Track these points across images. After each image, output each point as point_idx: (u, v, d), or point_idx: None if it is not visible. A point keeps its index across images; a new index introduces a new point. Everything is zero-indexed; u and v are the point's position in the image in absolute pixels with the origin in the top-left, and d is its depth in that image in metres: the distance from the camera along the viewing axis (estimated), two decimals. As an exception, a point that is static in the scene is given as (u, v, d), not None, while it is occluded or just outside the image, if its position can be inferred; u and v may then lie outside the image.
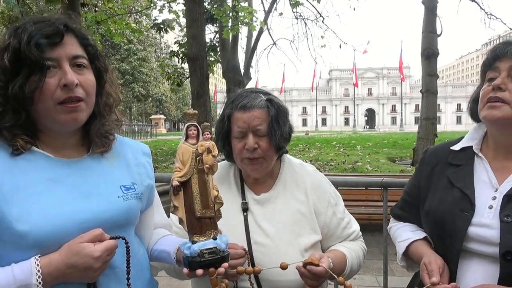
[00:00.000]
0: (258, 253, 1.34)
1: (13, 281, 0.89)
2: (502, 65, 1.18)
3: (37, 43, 0.96)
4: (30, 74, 0.96)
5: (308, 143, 15.40)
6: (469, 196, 1.19)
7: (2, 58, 0.97)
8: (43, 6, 16.29)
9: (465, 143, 1.31)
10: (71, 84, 0.98)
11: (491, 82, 1.18)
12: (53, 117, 1.00)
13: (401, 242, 1.37)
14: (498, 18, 10.08)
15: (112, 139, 1.16)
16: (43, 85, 0.96)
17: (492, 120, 1.17)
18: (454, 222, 1.18)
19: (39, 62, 0.95)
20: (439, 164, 1.33)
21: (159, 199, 1.37)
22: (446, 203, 1.23)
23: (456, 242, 1.16)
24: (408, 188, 1.47)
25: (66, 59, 1.00)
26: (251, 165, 1.37)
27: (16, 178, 0.96)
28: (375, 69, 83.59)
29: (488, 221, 1.13)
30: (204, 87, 6.95)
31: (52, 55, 0.98)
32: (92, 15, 9.00)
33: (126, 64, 34.09)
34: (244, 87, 11.50)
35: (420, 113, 8.79)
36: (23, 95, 0.96)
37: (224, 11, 9.72)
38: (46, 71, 0.96)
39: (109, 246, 0.97)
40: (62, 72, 0.99)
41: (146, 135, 27.44)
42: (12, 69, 0.96)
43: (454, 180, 1.25)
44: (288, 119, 1.37)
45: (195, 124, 1.14)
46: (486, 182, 1.21)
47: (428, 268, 1.16)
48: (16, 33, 0.98)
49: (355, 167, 9.75)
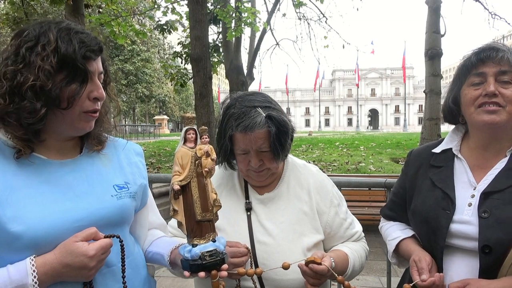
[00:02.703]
0: (261, 252, 1.35)
1: (9, 281, 0.89)
2: (487, 69, 1.21)
3: (85, 55, 1.00)
4: (72, 81, 0.99)
5: (311, 144, 15.37)
6: (450, 196, 1.26)
7: (50, 60, 0.97)
8: (47, 7, 16.37)
9: (445, 146, 1.38)
10: (102, 99, 1.07)
11: (477, 87, 1.23)
12: (74, 123, 1.04)
13: (391, 240, 1.44)
14: (502, 18, 10.01)
15: (104, 139, 1.19)
16: (82, 95, 1.01)
17: (493, 124, 1.20)
18: (437, 220, 1.25)
19: (85, 73, 1.00)
20: (422, 166, 1.41)
21: (153, 199, 1.38)
22: (429, 203, 1.30)
23: (440, 239, 1.23)
24: (396, 189, 1.54)
25: (97, 74, 1.06)
26: (257, 176, 1.39)
27: (10, 180, 0.97)
28: (378, 69, 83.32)
29: (467, 218, 1.20)
30: (207, 88, 6.96)
31: (90, 68, 1.03)
32: (96, 17, 9.03)
33: (129, 65, 34.16)
34: (247, 88, 11.56)
35: (424, 114, 8.74)
36: (61, 98, 0.99)
37: (227, 12, 9.73)
38: (88, 82, 1.02)
39: (103, 244, 0.98)
40: (93, 85, 1.05)
41: (150, 136, 27.50)
42: (55, 71, 0.98)
43: (436, 181, 1.32)
44: (290, 129, 1.34)
45: (193, 127, 1.15)
46: (465, 181, 1.28)
47: (418, 265, 1.22)
48: (61, 36, 0.99)
49: (359, 167, 9.73)
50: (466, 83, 1.28)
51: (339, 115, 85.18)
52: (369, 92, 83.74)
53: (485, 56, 1.22)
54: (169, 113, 51.14)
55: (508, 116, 1.19)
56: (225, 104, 1.39)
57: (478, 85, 1.23)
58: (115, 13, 10.17)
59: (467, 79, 1.27)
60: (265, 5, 16.15)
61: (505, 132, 1.24)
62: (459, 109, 1.33)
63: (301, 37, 14.60)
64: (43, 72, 0.95)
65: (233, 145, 1.36)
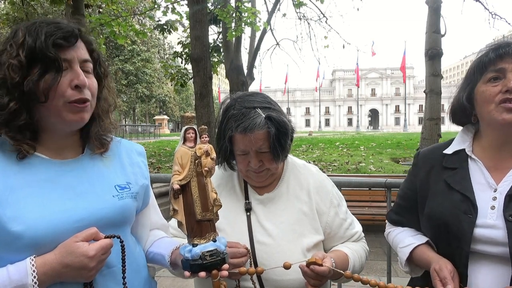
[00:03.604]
0: (261, 253, 1.35)
1: (9, 281, 0.89)
2: (506, 65, 1.16)
3: (54, 43, 0.98)
4: (45, 72, 0.97)
5: (311, 144, 15.37)
6: (470, 198, 1.18)
7: (17, 54, 0.97)
8: (48, 7, 16.38)
9: (457, 146, 1.31)
10: (83, 86, 1.02)
11: (494, 83, 1.17)
12: (62, 115, 1.01)
13: (403, 247, 1.35)
14: (502, 18, 10.00)
15: (109, 140, 1.18)
16: (58, 84, 0.98)
17: None
18: (459, 225, 1.17)
19: (57, 61, 0.98)
20: (434, 168, 1.33)
21: (155, 199, 1.37)
22: (447, 207, 1.22)
23: (464, 245, 1.15)
24: (403, 192, 1.46)
25: (77, 62, 1.03)
26: (256, 177, 1.39)
27: (10, 179, 0.97)
28: (378, 69, 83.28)
29: (492, 221, 1.13)
30: (207, 88, 6.95)
31: (66, 56, 1.00)
32: (96, 17, 9.02)
33: (129, 65, 34.14)
34: (248, 88, 11.54)
35: (424, 114, 8.73)
36: (37, 92, 0.98)
37: (227, 12, 9.72)
38: (62, 70, 0.99)
39: (104, 245, 0.97)
40: (74, 73, 1.01)
41: (150, 136, 27.50)
42: (27, 66, 0.97)
43: (452, 183, 1.24)
44: (289, 129, 1.34)
45: (193, 127, 1.15)
46: (483, 183, 1.21)
47: (440, 275, 1.14)
48: (29, 31, 0.99)
49: (359, 167, 9.72)
50: (482, 80, 1.21)
51: (339, 115, 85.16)
52: (369, 92, 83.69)
53: (504, 52, 1.17)
54: (169, 113, 51.12)
55: None
56: (225, 104, 1.39)
57: (495, 81, 1.17)
58: (115, 13, 10.16)
59: (483, 76, 1.21)
60: (265, 5, 16.17)
61: None
62: (473, 107, 1.26)
63: (301, 37, 14.60)
64: (11, 68, 0.96)
65: (232, 146, 1.35)
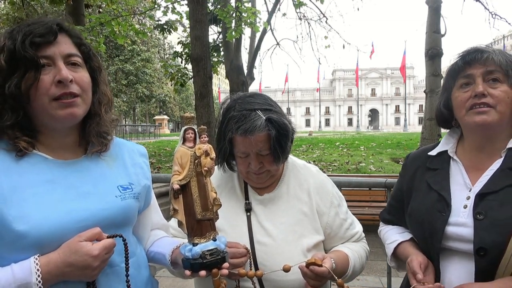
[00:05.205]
0: (261, 253, 1.35)
1: (13, 280, 0.89)
2: (474, 71, 1.23)
3: (31, 42, 0.98)
4: (26, 72, 0.98)
5: (311, 144, 15.37)
6: (445, 198, 1.26)
7: None
8: (48, 7, 16.38)
9: (441, 148, 1.39)
10: (65, 80, 1.01)
11: (465, 88, 1.25)
12: (50, 113, 1.02)
13: (389, 244, 1.44)
14: (502, 18, 10.00)
15: (109, 139, 1.18)
16: (38, 82, 0.99)
17: (484, 125, 1.21)
18: (432, 223, 1.25)
19: (34, 60, 0.98)
20: (419, 169, 1.41)
21: (156, 200, 1.38)
22: (425, 205, 1.30)
23: (436, 241, 1.23)
24: (394, 192, 1.55)
25: (60, 57, 1.03)
26: (257, 178, 1.39)
27: (14, 179, 0.98)
28: (378, 69, 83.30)
29: (463, 220, 1.20)
30: (207, 88, 6.95)
31: (46, 53, 1.01)
32: (96, 16, 9.02)
33: (129, 65, 34.12)
34: (248, 88, 11.54)
35: (424, 114, 8.73)
36: (19, 92, 0.98)
37: (227, 12, 9.72)
38: (41, 68, 0.99)
39: (107, 244, 0.98)
40: (57, 69, 1.01)
41: (150, 136, 27.51)
42: (9, 69, 0.98)
43: (432, 184, 1.32)
44: (290, 131, 1.34)
45: (192, 127, 1.15)
46: (461, 183, 1.28)
47: (410, 266, 1.23)
48: (11, 35, 1.01)
49: (359, 167, 9.72)
50: (455, 86, 1.29)
51: (339, 115, 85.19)
52: (370, 92, 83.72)
53: (470, 58, 1.24)
54: (169, 113, 51.12)
55: (500, 116, 1.19)
56: (225, 105, 1.38)
57: (467, 87, 1.25)
58: (115, 13, 10.16)
59: (456, 83, 1.29)
60: (265, 5, 16.16)
61: (498, 133, 1.24)
62: (452, 113, 1.34)
63: (302, 37, 14.51)
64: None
65: (232, 147, 1.35)
